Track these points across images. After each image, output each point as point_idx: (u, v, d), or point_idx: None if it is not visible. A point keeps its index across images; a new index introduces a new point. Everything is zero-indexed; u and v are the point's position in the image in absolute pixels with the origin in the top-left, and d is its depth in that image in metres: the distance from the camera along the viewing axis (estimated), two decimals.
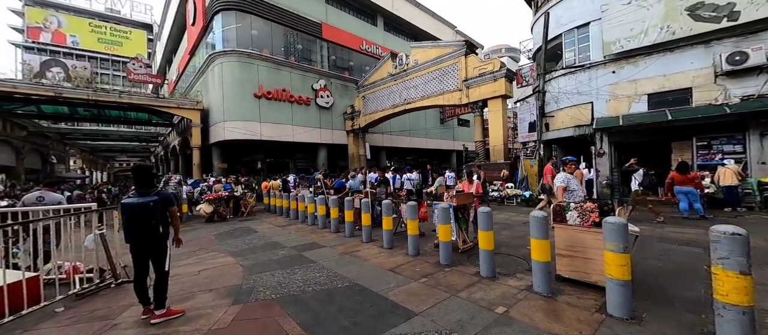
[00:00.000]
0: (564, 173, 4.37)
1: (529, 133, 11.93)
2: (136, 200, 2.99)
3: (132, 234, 2.99)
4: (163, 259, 3.15)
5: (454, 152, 31.08)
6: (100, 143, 34.27)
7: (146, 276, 3.15)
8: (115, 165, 53.95)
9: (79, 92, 14.12)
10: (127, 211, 2.96)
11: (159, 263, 3.13)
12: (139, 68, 23.30)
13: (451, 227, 4.54)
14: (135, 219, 2.96)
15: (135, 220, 2.96)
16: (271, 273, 4.37)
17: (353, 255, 5.15)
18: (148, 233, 3.01)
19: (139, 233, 2.99)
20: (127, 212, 2.96)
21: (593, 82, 11.57)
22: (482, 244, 3.90)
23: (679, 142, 10.25)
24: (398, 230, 6.29)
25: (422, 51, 16.17)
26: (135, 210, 2.96)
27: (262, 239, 6.80)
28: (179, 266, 4.95)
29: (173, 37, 27.79)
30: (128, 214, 2.96)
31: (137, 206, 2.97)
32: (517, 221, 7.65)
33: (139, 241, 3.03)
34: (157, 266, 3.13)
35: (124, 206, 2.98)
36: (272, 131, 17.65)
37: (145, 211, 2.97)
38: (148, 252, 3.10)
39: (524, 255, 4.77)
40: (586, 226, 3.43)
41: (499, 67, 12.86)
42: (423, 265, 4.47)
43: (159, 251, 3.12)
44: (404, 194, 6.14)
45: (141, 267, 3.10)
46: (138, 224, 2.97)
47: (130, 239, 3.01)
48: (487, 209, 3.96)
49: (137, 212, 2.96)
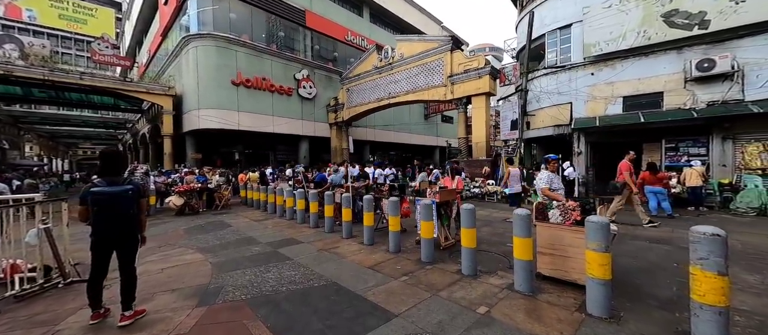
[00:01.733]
0: (547, 171, 4.36)
1: (511, 131, 12.10)
2: (113, 189, 2.65)
3: (106, 228, 2.65)
4: (134, 253, 2.88)
5: (438, 148, 31.31)
6: (61, 129, 31.70)
7: (105, 275, 2.81)
8: (78, 153, 50.30)
9: (33, 70, 12.81)
10: (100, 201, 2.60)
11: (130, 260, 2.84)
12: (106, 49, 21.54)
13: (433, 224, 4.43)
14: (109, 211, 2.63)
15: (109, 211, 2.63)
16: (242, 271, 4.09)
17: (332, 252, 4.95)
18: (126, 226, 2.72)
19: (116, 226, 2.67)
20: (100, 202, 2.60)
21: (573, 83, 11.85)
22: (465, 242, 3.82)
23: (650, 143, 10.72)
24: (379, 226, 6.15)
25: (408, 45, 15.97)
26: (110, 200, 2.62)
27: (235, 234, 6.44)
28: (139, 264, 4.53)
29: (144, 17, 25.93)
30: (103, 203, 2.60)
31: (114, 196, 2.64)
32: (498, 218, 7.72)
33: (113, 235, 2.70)
34: (128, 263, 2.83)
35: (95, 194, 2.59)
36: (251, 121, 16.94)
37: (124, 201, 2.67)
38: (119, 248, 2.77)
39: (505, 252, 4.76)
40: (568, 225, 3.41)
41: (484, 64, 12.91)
42: (404, 263, 4.34)
43: (132, 246, 2.84)
44: (386, 190, 5.99)
45: (103, 266, 2.76)
46: (114, 216, 2.65)
47: (103, 234, 2.66)
48: (470, 206, 3.87)
49: (113, 203, 2.63)
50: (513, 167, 8.50)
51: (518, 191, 8.00)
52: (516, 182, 7.89)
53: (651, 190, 7.35)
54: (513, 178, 7.97)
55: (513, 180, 7.90)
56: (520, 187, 8.05)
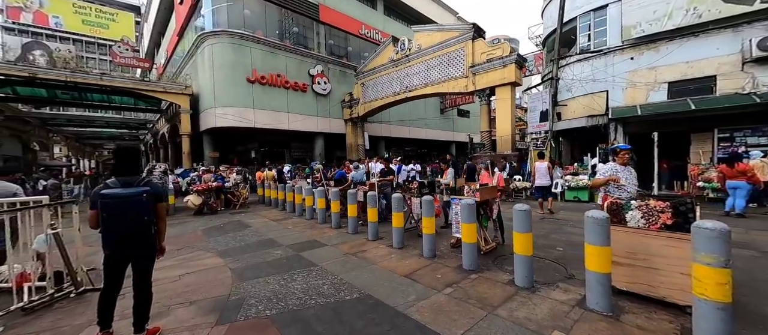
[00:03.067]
0: (613, 163, 3.71)
1: (540, 122, 11.29)
2: (124, 192, 2.24)
3: (116, 238, 2.24)
4: (151, 268, 2.49)
5: (454, 143, 30.44)
6: (86, 130, 32.78)
7: (119, 291, 2.44)
8: (103, 153, 52.29)
9: (55, 72, 13.01)
10: (111, 205, 2.20)
11: (146, 273, 2.46)
12: (126, 51, 21.94)
13: (475, 227, 3.89)
14: (121, 216, 2.22)
15: (121, 216, 2.22)
16: (264, 280, 3.70)
17: (360, 257, 4.49)
18: (139, 236, 2.31)
19: (127, 235, 2.27)
20: (110, 206, 2.19)
21: (609, 70, 10.91)
22: (518, 248, 3.27)
23: (699, 133, 9.72)
24: (407, 227, 5.65)
25: (426, 35, 15.29)
26: (122, 204, 2.22)
27: (255, 235, 6.11)
28: (156, 269, 4.23)
29: (161, 18, 26.28)
30: (112, 209, 2.20)
31: (126, 199, 2.23)
32: (534, 218, 7.06)
33: (124, 247, 2.30)
34: (144, 277, 2.45)
35: (105, 197, 2.20)
36: (267, 119, 16.75)
37: (137, 205, 2.25)
38: (134, 259, 2.39)
39: (558, 258, 4.17)
40: (654, 229, 2.80)
41: (508, 52, 12.10)
42: (443, 270, 3.83)
43: (148, 257, 2.44)
44: (415, 187, 5.49)
45: (116, 280, 2.37)
46: (126, 221, 2.24)
47: (113, 246, 2.26)
48: (524, 206, 3.30)
49: (126, 207, 2.22)
50: (542, 161, 7.99)
51: (546, 184, 7.63)
52: (543, 177, 7.59)
53: (734, 185, 6.43)
54: (539, 173, 7.68)
55: (539, 175, 7.65)
56: (547, 180, 7.64)
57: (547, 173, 7.77)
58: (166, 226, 2.62)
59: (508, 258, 4.20)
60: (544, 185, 7.73)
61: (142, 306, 2.42)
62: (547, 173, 7.77)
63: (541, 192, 7.77)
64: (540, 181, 7.69)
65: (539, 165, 7.73)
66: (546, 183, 7.75)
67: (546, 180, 7.79)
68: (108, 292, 2.36)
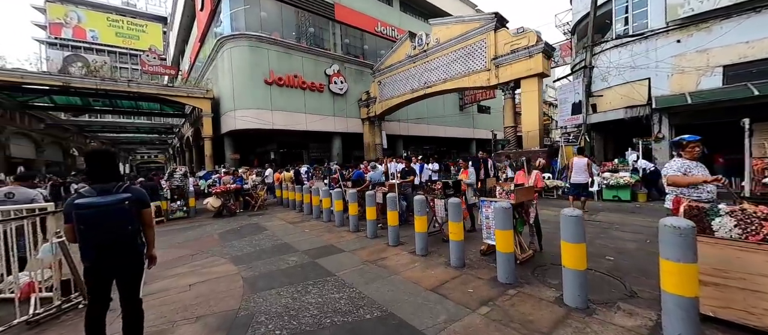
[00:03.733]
0: (681, 158, 3.08)
1: (572, 115, 10.42)
2: (101, 200, 1.97)
3: (96, 252, 1.97)
4: (139, 282, 2.20)
5: (474, 140, 29.46)
6: (120, 136, 34.76)
7: (108, 306, 2.19)
8: (136, 157, 55.41)
9: (87, 81, 13.65)
10: (87, 216, 1.92)
11: (132, 286, 2.17)
12: (154, 60, 22.97)
13: (512, 234, 3.39)
14: (100, 226, 1.94)
15: (100, 227, 1.95)
16: (277, 292, 3.39)
17: (380, 265, 4.10)
18: (122, 248, 2.04)
19: (108, 248, 2.00)
20: (86, 217, 1.92)
21: (652, 55, 9.87)
22: (570, 261, 2.74)
23: (762, 123, 8.51)
24: (430, 231, 5.20)
25: (444, 28, 14.68)
26: (99, 215, 1.94)
27: (271, 239, 5.88)
28: (168, 276, 4.07)
29: (184, 26, 27.26)
30: (89, 220, 1.93)
31: (104, 209, 1.95)
32: None
33: (107, 261, 2.03)
34: (130, 291, 2.17)
35: (80, 208, 1.92)
36: (284, 120, 16.80)
37: (118, 214, 1.98)
38: (119, 274, 2.12)
39: (610, 270, 3.58)
40: (754, 241, 2.20)
41: (535, 41, 11.28)
42: (475, 283, 3.36)
43: (134, 273, 2.15)
44: (439, 188, 5.03)
45: (103, 293, 2.10)
46: (106, 232, 1.97)
47: (94, 261, 2.00)
48: (575, 212, 2.77)
49: (105, 216, 1.95)
50: (580, 157, 7.35)
51: (584, 181, 7.04)
52: (580, 173, 7.02)
53: None
54: (577, 169, 7.08)
55: (577, 171, 7.07)
56: (585, 177, 7.04)
57: (585, 170, 7.17)
58: (154, 233, 2.34)
59: (549, 269, 3.67)
60: (582, 183, 7.15)
61: (132, 325, 2.15)
62: (586, 170, 7.17)
63: (577, 190, 7.22)
64: (577, 178, 7.13)
65: (578, 161, 7.17)
66: (583, 180, 7.16)
67: (584, 177, 7.17)
68: (94, 309, 2.10)
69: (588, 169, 7.22)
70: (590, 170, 7.37)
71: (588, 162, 7.28)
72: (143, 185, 8.84)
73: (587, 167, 7.20)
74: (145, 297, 3.45)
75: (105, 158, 2.15)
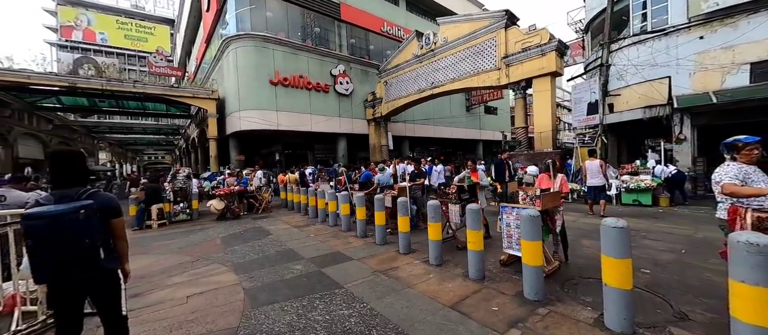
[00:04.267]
0: (737, 162, 2.71)
1: (587, 115, 9.99)
2: (53, 209, 1.65)
3: (51, 265, 1.67)
4: (117, 301, 1.90)
5: (481, 141, 29.00)
6: (127, 137, 34.99)
7: (80, 331, 1.91)
8: (144, 158, 55.92)
9: (93, 81, 13.61)
10: (36, 228, 1.62)
11: (112, 307, 1.88)
12: (160, 61, 23.01)
13: (541, 245, 3.05)
14: (51, 240, 1.63)
15: (51, 241, 1.63)
16: (281, 306, 3.10)
17: (391, 276, 3.79)
18: (83, 262, 1.72)
19: (64, 260, 1.69)
20: (34, 229, 1.63)
21: (672, 52, 9.42)
22: (613, 278, 2.40)
23: None
24: (443, 237, 4.87)
25: (452, 27, 14.34)
26: (52, 224, 1.62)
27: (275, 244, 5.61)
28: (166, 286, 3.81)
29: (191, 28, 27.33)
30: (39, 232, 1.63)
31: (57, 218, 1.63)
32: (593, 226, 6.00)
33: (66, 274, 1.71)
34: (111, 312, 1.88)
35: (29, 218, 1.64)
36: (290, 121, 16.59)
37: (74, 225, 1.66)
38: (89, 294, 1.84)
39: (650, 285, 3.21)
40: None
41: (548, 39, 10.86)
42: (499, 299, 3.03)
43: (108, 289, 1.86)
44: (454, 192, 4.71)
45: (72, 321, 1.81)
46: (60, 247, 1.65)
47: (49, 275, 1.70)
48: (619, 223, 2.43)
49: (58, 228, 1.63)
50: (592, 159, 7.10)
51: (599, 184, 6.89)
52: (595, 176, 6.87)
53: None
54: (591, 172, 6.94)
55: (591, 174, 6.93)
56: (601, 180, 6.88)
57: (599, 172, 6.92)
58: (127, 245, 2.03)
59: (580, 284, 3.32)
60: (598, 185, 6.90)
61: None
62: (600, 172, 6.92)
63: (594, 193, 6.99)
64: (592, 181, 6.95)
65: (590, 164, 6.94)
66: (599, 183, 6.90)
67: (598, 180, 6.90)
68: None
69: (602, 171, 6.95)
70: (604, 171, 7.08)
71: (600, 164, 7.01)
72: (147, 187, 8.67)
73: (600, 169, 6.95)
74: (138, 310, 3.20)
75: (68, 160, 1.86)
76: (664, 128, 9.84)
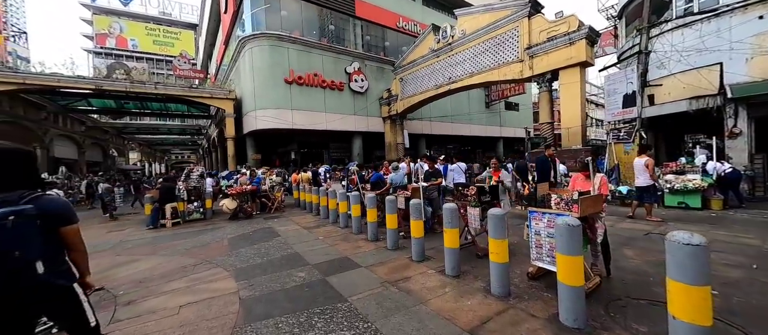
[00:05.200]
0: None
1: (623, 108, 9.07)
2: None
3: None
4: (80, 316, 1.63)
5: (501, 139, 27.82)
6: (155, 137, 36.66)
7: None
8: (172, 157, 58.58)
9: (117, 84, 14.12)
10: None
11: (76, 324, 1.63)
12: (184, 64, 23.77)
13: (582, 262, 2.52)
14: None
15: None
16: (275, 323, 2.76)
17: (402, 288, 3.37)
18: (12, 282, 1.41)
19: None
20: None
21: (725, 35, 8.33)
22: (686, 311, 1.85)
23: None
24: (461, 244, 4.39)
25: (471, 19, 13.64)
26: None
27: (281, 247, 5.34)
28: (162, 292, 3.60)
29: (211, 31, 28.09)
30: None
31: None
32: (635, 231, 5.28)
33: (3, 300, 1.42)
34: (77, 329, 1.65)
35: None
36: (304, 119, 16.51)
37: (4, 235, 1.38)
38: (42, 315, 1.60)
39: (721, 310, 2.59)
40: None
41: (577, 26, 9.98)
42: (530, 324, 2.53)
43: (61, 309, 1.60)
44: (474, 194, 4.21)
45: None
46: None
47: None
48: (697, 238, 1.87)
49: None
50: (641, 155, 6.33)
51: (647, 184, 6.17)
52: (640, 174, 6.21)
53: None
54: (637, 170, 6.29)
55: (637, 172, 6.28)
56: (647, 178, 6.16)
57: (644, 171, 6.14)
58: (84, 255, 1.74)
59: (628, 307, 2.78)
60: (645, 185, 6.18)
61: None
62: (645, 171, 6.15)
63: (643, 194, 6.25)
64: (639, 180, 6.24)
65: (637, 161, 6.18)
66: (646, 183, 6.13)
67: (644, 179, 6.14)
68: None
69: (648, 170, 6.18)
70: (651, 170, 6.30)
71: (646, 162, 6.23)
72: (162, 186, 8.73)
73: (647, 167, 6.19)
74: (127, 321, 2.97)
75: (8, 158, 1.57)
76: (714, 121, 8.75)
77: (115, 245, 6.18)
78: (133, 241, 6.54)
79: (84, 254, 1.74)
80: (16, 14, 57.80)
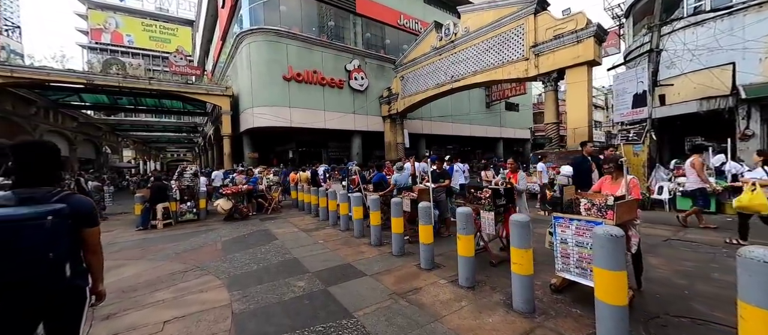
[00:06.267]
0: None
1: (633, 109, 8.80)
2: (11, 213, 1.26)
3: None
4: (75, 328, 1.46)
5: (501, 139, 27.61)
6: (150, 134, 36.01)
7: None
8: (167, 155, 57.78)
9: (109, 78, 13.66)
10: None
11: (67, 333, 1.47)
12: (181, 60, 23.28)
13: (625, 278, 2.20)
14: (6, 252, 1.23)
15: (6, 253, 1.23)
16: None
17: (412, 302, 3.05)
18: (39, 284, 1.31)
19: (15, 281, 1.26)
20: None
21: (738, 34, 8.09)
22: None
23: None
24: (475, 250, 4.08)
25: (475, 15, 13.36)
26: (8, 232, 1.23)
27: (278, 252, 4.99)
28: (146, 304, 3.24)
29: (208, 27, 27.59)
30: None
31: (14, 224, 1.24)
32: (653, 237, 5.00)
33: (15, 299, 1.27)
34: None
35: None
36: (303, 117, 16.14)
37: (37, 235, 1.27)
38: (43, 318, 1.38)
39: None
40: None
41: (585, 24, 9.73)
42: None
43: (67, 315, 1.44)
44: (487, 197, 3.91)
45: None
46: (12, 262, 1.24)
47: None
48: None
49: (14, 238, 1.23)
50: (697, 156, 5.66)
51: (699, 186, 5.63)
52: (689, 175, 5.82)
53: None
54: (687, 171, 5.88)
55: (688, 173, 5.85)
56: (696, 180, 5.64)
57: (693, 171, 5.60)
58: (101, 261, 1.62)
59: (669, 326, 2.48)
60: (693, 188, 5.68)
61: None
62: (693, 171, 5.61)
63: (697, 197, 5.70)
64: (689, 183, 5.82)
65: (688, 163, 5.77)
66: (696, 185, 5.63)
67: (694, 180, 5.63)
68: None
69: (695, 170, 5.60)
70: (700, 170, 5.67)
71: (692, 161, 5.66)
72: (153, 185, 8.33)
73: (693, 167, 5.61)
74: None
75: (35, 153, 1.46)
76: (725, 122, 8.51)
77: None
78: (120, 243, 6.16)
79: (101, 258, 1.62)
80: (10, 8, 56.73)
